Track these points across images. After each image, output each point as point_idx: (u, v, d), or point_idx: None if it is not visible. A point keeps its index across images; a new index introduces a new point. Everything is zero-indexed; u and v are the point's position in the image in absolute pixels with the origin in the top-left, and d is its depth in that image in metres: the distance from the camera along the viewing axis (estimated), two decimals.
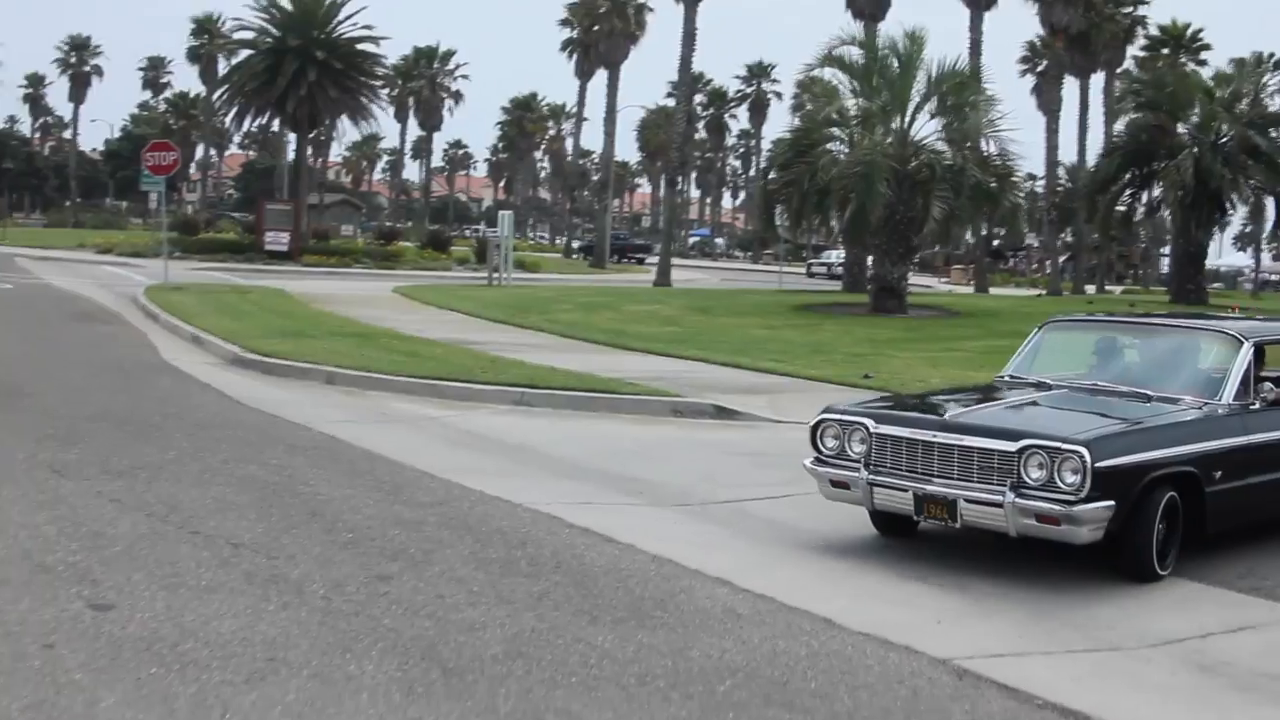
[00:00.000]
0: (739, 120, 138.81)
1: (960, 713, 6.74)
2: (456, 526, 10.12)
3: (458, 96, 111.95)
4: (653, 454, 14.26)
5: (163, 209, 42.10)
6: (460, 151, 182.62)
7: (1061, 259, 76.14)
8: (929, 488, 9.89)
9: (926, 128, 32.25)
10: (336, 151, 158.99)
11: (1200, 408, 10.78)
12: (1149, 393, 10.97)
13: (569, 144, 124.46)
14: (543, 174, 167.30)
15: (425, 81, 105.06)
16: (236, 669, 6.60)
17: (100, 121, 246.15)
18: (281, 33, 62.85)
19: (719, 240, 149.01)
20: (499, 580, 8.62)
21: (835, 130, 32.63)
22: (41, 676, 6.35)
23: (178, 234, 65.64)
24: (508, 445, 14.49)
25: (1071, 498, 9.34)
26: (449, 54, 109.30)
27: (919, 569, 9.58)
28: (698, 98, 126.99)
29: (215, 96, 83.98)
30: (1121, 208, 45.50)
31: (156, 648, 6.84)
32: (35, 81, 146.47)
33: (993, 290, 61.52)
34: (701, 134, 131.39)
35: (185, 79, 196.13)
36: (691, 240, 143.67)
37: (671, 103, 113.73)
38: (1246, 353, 11.02)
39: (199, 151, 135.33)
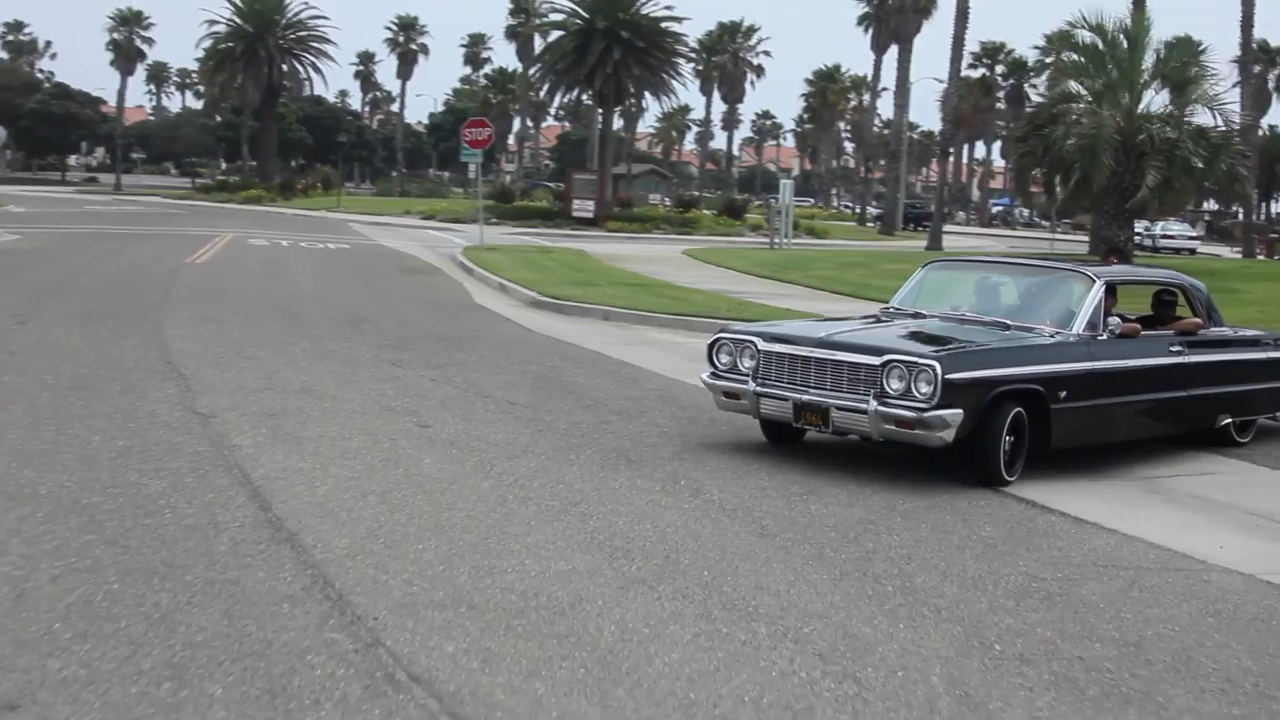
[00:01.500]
0: (1038, 89, 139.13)
1: (948, 491, 10.61)
2: (667, 401, 14.35)
3: (759, 70, 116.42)
4: None
5: (478, 179, 47.26)
6: (769, 122, 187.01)
7: None
8: (805, 397, 11.28)
9: (1155, 102, 35.18)
10: (648, 123, 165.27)
11: (1052, 336, 12.05)
12: (1008, 322, 12.33)
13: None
14: (848, 144, 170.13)
15: (729, 55, 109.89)
16: (501, 453, 10.92)
17: (425, 96, 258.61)
18: (590, 15, 68.03)
19: (1021, 210, 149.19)
20: (684, 427, 12.80)
21: (1070, 105, 35.82)
22: (388, 451, 10.76)
23: (494, 202, 71.63)
24: None
25: (925, 405, 10.66)
26: (751, 29, 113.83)
27: None
28: (998, 68, 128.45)
29: (531, 73, 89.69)
30: None
31: (457, 444, 11.23)
32: (366, 59, 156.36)
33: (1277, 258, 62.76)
34: (1002, 104, 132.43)
35: (504, 55, 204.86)
36: (995, 209, 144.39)
37: (974, 74, 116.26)
38: (1098, 291, 12.37)
39: (516, 124, 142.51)
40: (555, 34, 72.49)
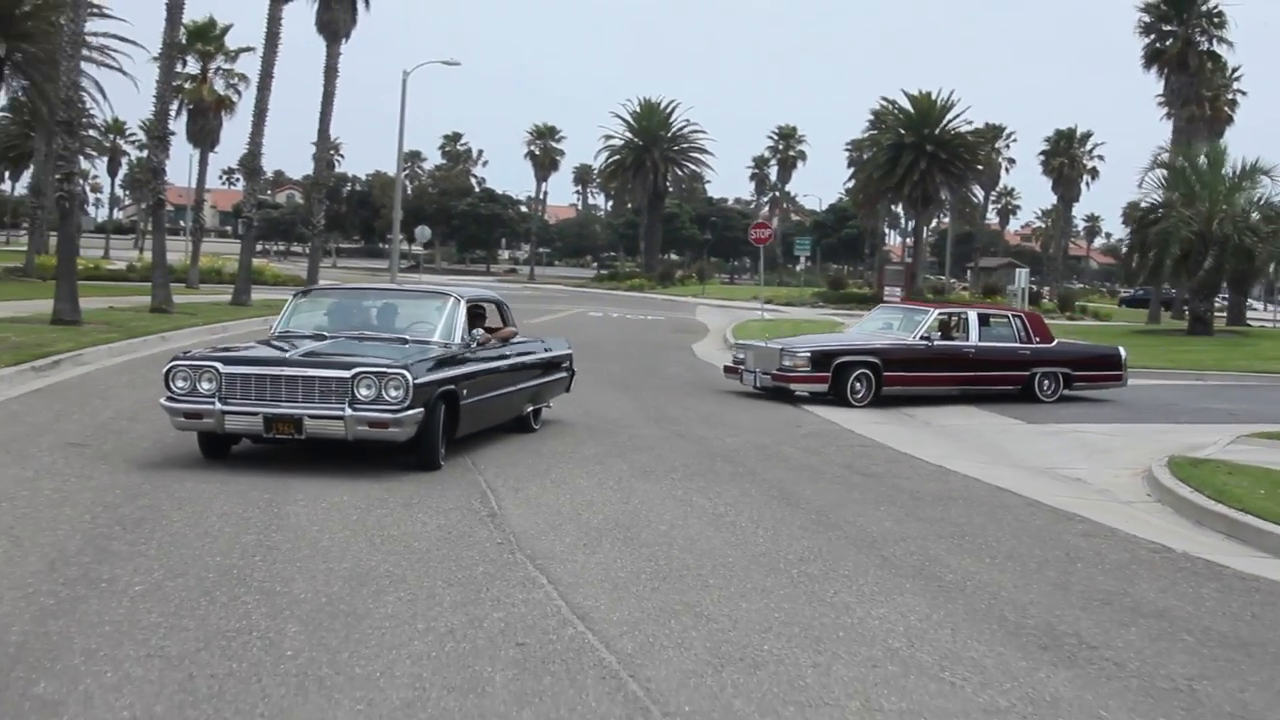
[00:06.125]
0: None
1: (843, 445, 23.22)
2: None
3: (1094, 173, 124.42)
4: None
5: (761, 268, 60.88)
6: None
7: None
8: (278, 410, 12.05)
9: (1227, 205, 45.64)
10: (1024, 219, 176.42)
11: (445, 346, 13.74)
12: (406, 337, 13.82)
13: None
14: None
15: (1065, 159, 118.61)
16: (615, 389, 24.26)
17: (811, 196, 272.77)
18: (903, 131, 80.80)
19: None
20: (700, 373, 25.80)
21: (1165, 210, 47.01)
22: None
23: (826, 289, 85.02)
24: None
25: (397, 408, 11.91)
26: (1086, 135, 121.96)
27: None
28: None
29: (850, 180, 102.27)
30: None
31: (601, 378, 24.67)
32: (760, 163, 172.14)
33: None
34: None
35: None
36: None
37: None
38: (462, 308, 14.35)
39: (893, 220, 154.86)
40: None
